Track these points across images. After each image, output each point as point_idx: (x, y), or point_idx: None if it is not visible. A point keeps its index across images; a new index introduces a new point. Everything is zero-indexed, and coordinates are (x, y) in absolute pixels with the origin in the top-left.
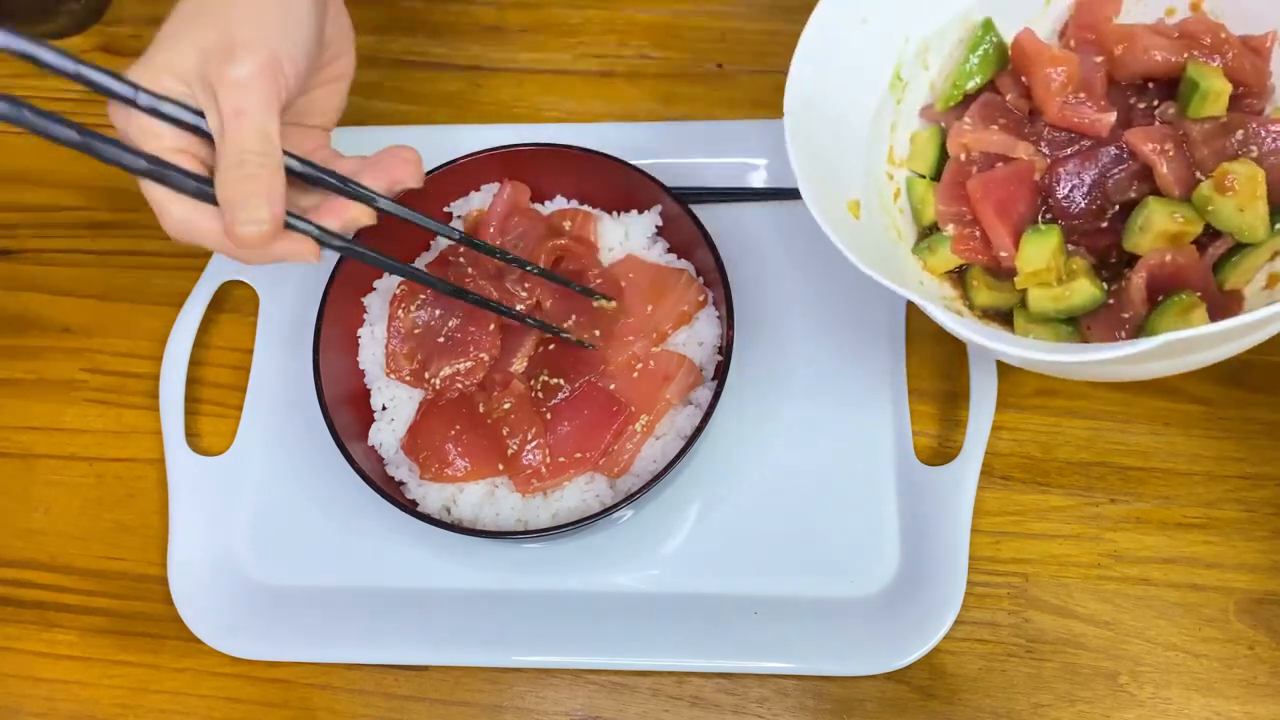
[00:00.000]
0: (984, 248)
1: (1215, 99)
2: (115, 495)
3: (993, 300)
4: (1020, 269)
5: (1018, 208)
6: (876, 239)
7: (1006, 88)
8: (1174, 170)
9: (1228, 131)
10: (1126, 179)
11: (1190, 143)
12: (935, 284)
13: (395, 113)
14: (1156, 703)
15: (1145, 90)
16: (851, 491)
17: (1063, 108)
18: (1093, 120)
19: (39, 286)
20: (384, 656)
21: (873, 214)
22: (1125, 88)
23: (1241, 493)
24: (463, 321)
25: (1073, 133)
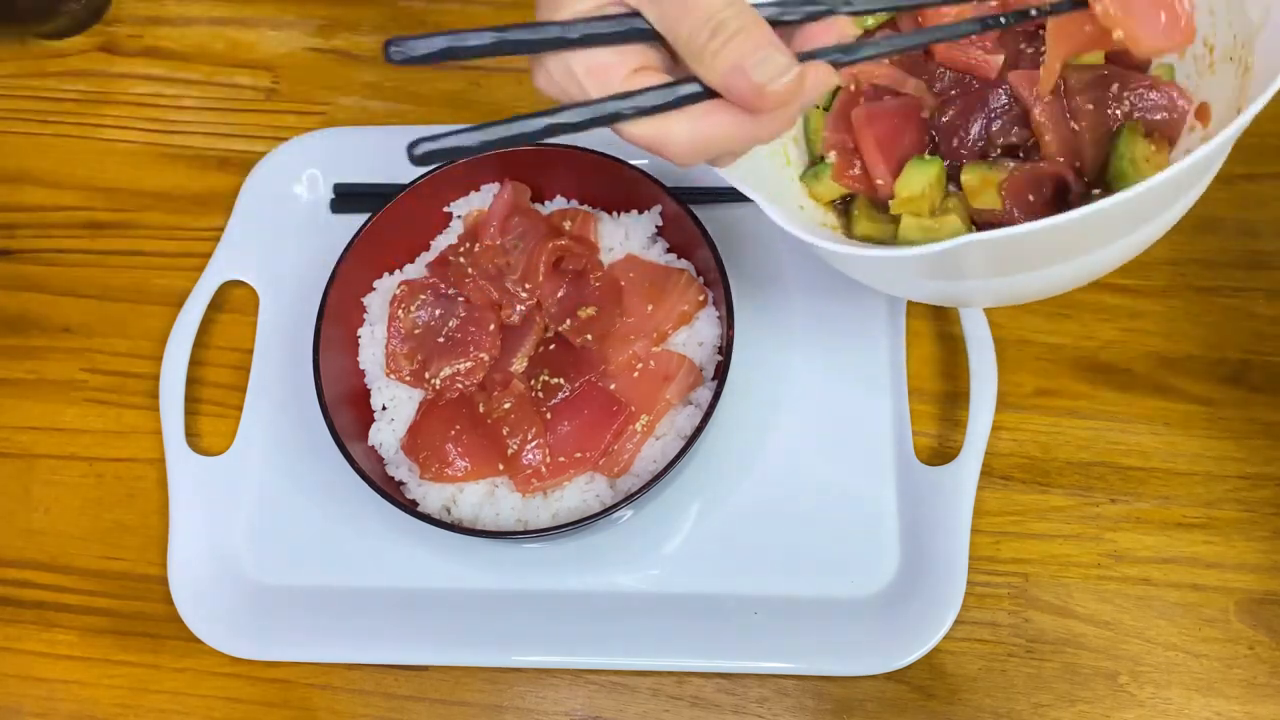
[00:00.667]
0: (863, 177)
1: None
2: (115, 495)
3: (871, 231)
4: (897, 193)
5: (901, 141)
6: (759, 161)
7: (905, 26)
8: (1049, 114)
9: (1105, 84)
10: (1009, 123)
11: (1068, 89)
12: (820, 212)
13: (395, 113)
14: (1156, 703)
15: (1036, 37)
16: (851, 492)
17: (951, 48)
18: (981, 61)
19: (39, 286)
20: (384, 656)
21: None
22: (1018, 33)
23: (1241, 493)
24: (463, 322)
25: (963, 73)
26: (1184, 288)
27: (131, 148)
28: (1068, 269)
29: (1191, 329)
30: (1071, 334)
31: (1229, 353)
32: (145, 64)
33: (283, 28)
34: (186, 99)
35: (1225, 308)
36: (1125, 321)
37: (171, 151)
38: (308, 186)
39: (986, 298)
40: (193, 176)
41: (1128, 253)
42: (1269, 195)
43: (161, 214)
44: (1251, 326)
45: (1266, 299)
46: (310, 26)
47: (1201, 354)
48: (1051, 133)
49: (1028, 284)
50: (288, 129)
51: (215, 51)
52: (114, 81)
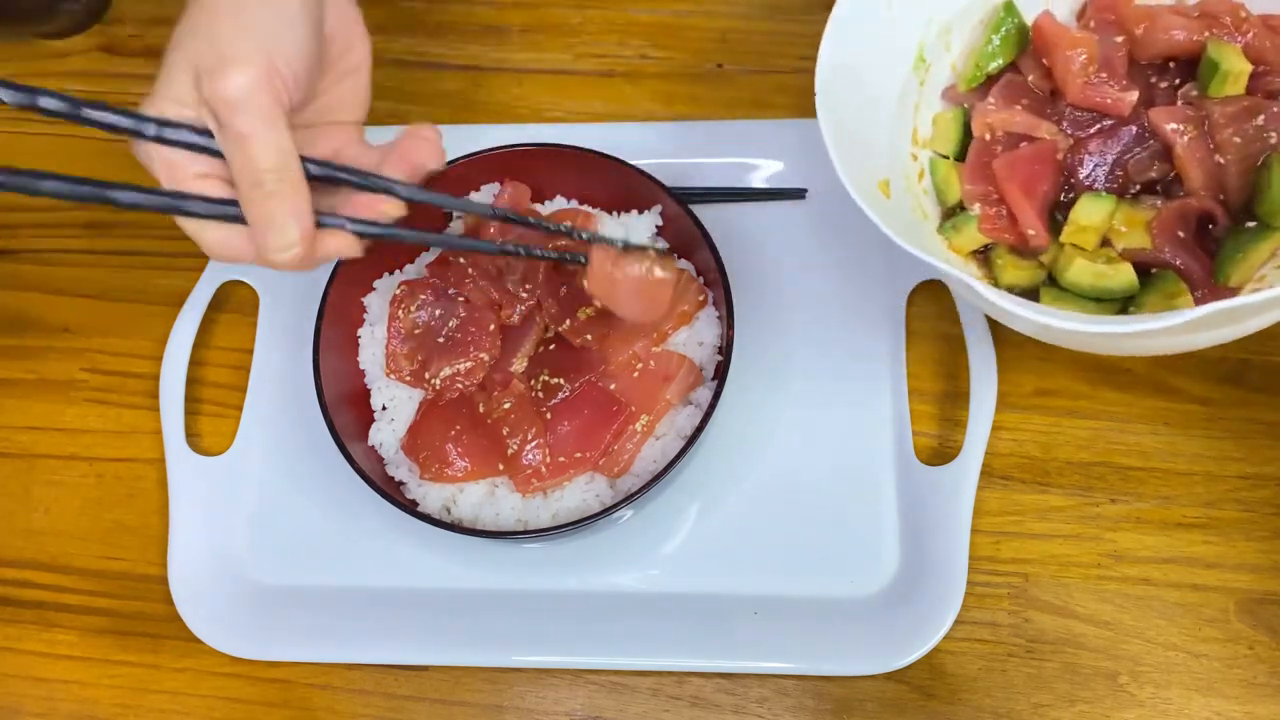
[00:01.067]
0: (1010, 226)
1: (1235, 79)
2: (115, 495)
3: (1018, 278)
4: (1072, 220)
5: (1042, 186)
6: (905, 219)
7: (1028, 69)
8: (1192, 150)
9: (1250, 114)
10: (1148, 158)
11: (1212, 124)
12: (961, 263)
13: (395, 113)
14: (1156, 703)
15: (1166, 70)
16: (851, 491)
17: (1084, 88)
18: (1114, 99)
19: (39, 286)
20: (384, 656)
21: (900, 195)
22: (1146, 67)
23: (1241, 493)
24: (463, 322)
25: (1095, 112)
26: None
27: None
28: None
29: None
30: None
31: (1229, 353)
32: (145, 64)
33: None
34: None
35: None
36: None
37: None
38: None
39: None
40: None
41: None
42: None
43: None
44: None
45: None
46: None
47: (1201, 354)
48: (1196, 167)
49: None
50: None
51: None
52: (114, 81)
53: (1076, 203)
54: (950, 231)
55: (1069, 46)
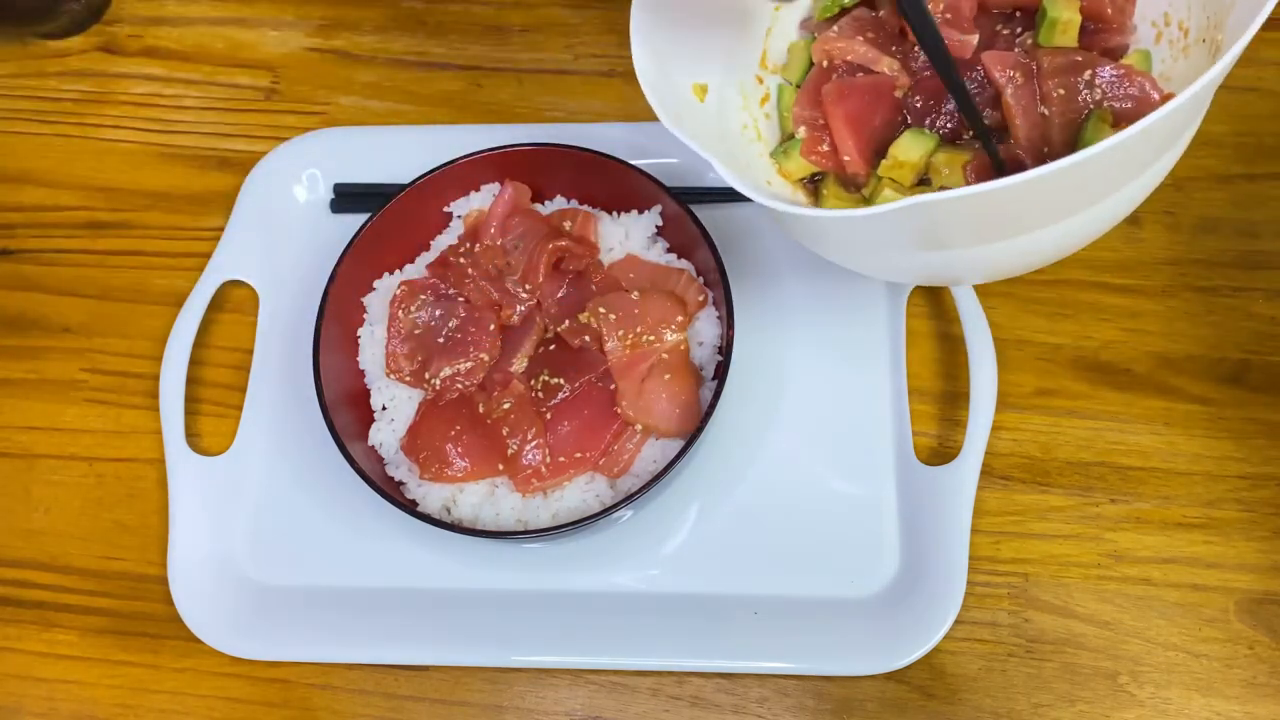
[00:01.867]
0: (832, 154)
1: (1064, 29)
2: (115, 495)
3: (839, 208)
4: (891, 156)
5: (872, 120)
6: (725, 132)
7: (881, 3)
8: (1018, 98)
9: (1077, 69)
10: (982, 103)
11: (1040, 73)
12: (788, 189)
13: (395, 113)
14: (1156, 703)
15: (1012, 19)
16: (851, 491)
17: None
18: (956, 41)
19: (39, 286)
20: (384, 656)
21: (726, 109)
22: (995, 15)
23: (1241, 493)
24: (463, 322)
25: None
26: (1184, 288)
27: (131, 148)
28: (1043, 236)
29: (1191, 329)
30: (1071, 334)
31: (1229, 353)
32: (145, 64)
33: (283, 28)
34: (186, 99)
35: (1225, 308)
36: (1125, 321)
37: (171, 151)
38: (308, 186)
39: (970, 270)
40: (192, 176)
41: (1101, 221)
42: (1268, 195)
43: (161, 214)
44: (1251, 326)
45: (1266, 299)
46: (310, 26)
47: (1201, 354)
48: (1021, 116)
49: (1007, 253)
50: (288, 129)
51: (215, 51)
52: (114, 81)
53: (898, 138)
54: (780, 156)
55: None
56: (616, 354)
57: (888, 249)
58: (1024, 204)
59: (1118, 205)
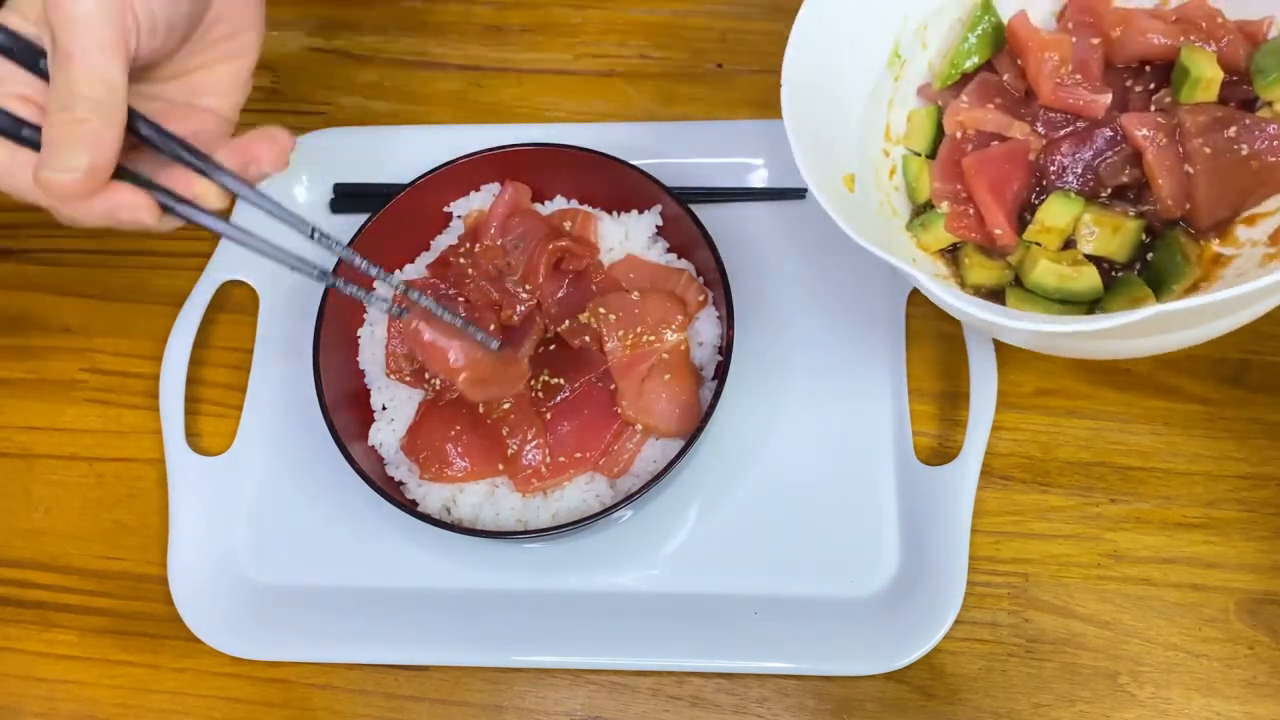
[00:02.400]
0: (977, 224)
1: (1206, 86)
2: (115, 495)
3: (985, 278)
4: (1038, 219)
5: (1012, 186)
6: (870, 215)
7: (1004, 68)
8: (1161, 158)
9: (1221, 125)
10: (1120, 162)
11: (1182, 132)
12: (929, 262)
13: (395, 113)
14: (1156, 703)
15: (1142, 74)
16: (851, 491)
17: (1057, 89)
18: (1087, 101)
19: (39, 286)
20: (384, 656)
21: (867, 190)
22: (1122, 71)
23: (1241, 493)
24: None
25: (1068, 114)
26: None
27: None
28: (1219, 325)
29: None
30: None
31: (1229, 353)
32: None
33: (283, 28)
34: None
35: None
36: None
37: None
38: (308, 186)
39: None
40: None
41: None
42: None
43: None
44: (1251, 326)
45: None
46: (310, 26)
47: (1201, 354)
48: (1165, 175)
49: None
50: (288, 129)
51: None
52: None
53: (1044, 202)
54: (918, 229)
55: (1042, 48)
56: (616, 354)
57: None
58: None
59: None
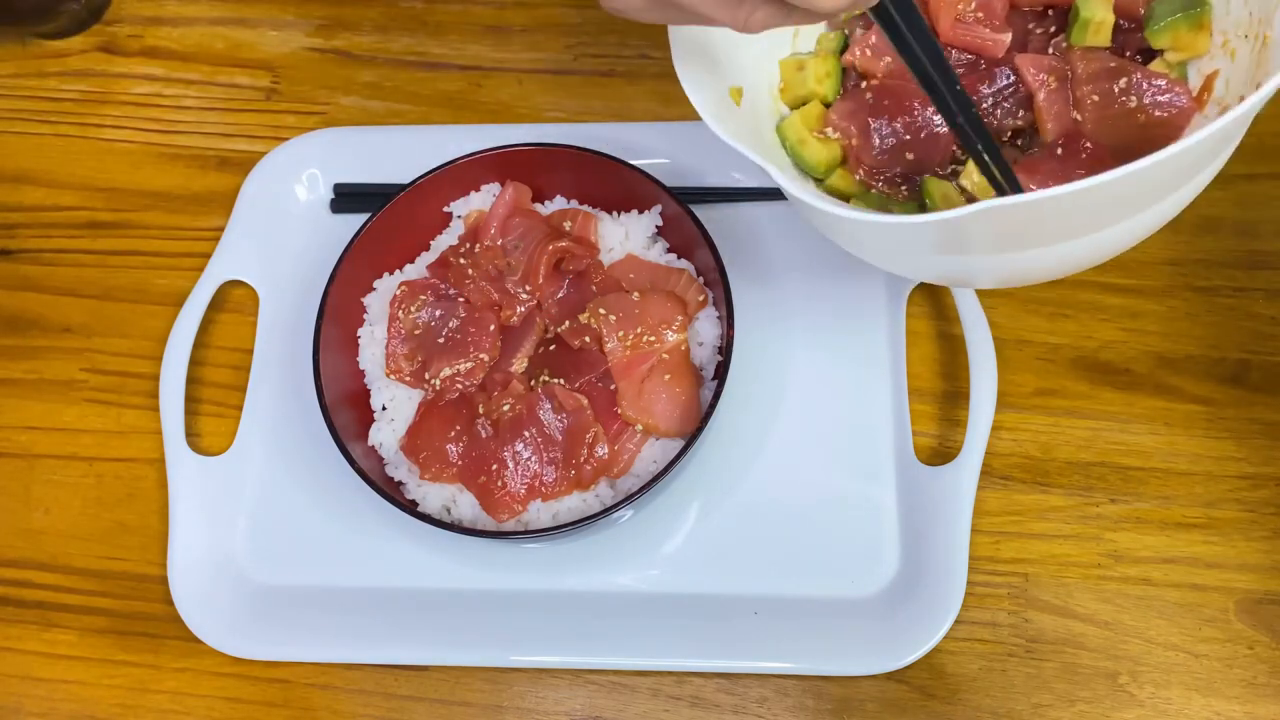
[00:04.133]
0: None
1: (1097, 28)
2: (115, 495)
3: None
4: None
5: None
6: (757, 130)
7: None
8: (1050, 102)
9: (1113, 76)
10: (1015, 105)
11: (1074, 78)
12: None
13: (395, 113)
14: (1156, 703)
15: (1045, 17)
16: (851, 491)
17: (957, 26)
18: (987, 40)
19: (39, 286)
20: (384, 656)
21: (759, 108)
22: (1026, 14)
23: (1241, 493)
24: (463, 322)
25: (970, 53)
26: (1184, 288)
27: (131, 148)
28: (1078, 247)
29: (1191, 329)
30: (1071, 334)
31: (1229, 353)
32: (145, 64)
33: (283, 28)
34: (186, 99)
35: (1225, 308)
36: (1125, 321)
37: (171, 151)
38: (308, 186)
39: (992, 277)
40: (192, 176)
41: (1135, 234)
42: (1269, 195)
43: (161, 214)
44: (1251, 326)
45: (1266, 299)
46: (310, 26)
47: (1201, 354)
48: (1053, 121)
49: (1035, 261)
50: (288, 129)
51: (215, 51)
52: (114, 81)
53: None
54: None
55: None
56: (617, 354)
57: (921, 252)
58: (1068, 213)
59: (1151, 219)
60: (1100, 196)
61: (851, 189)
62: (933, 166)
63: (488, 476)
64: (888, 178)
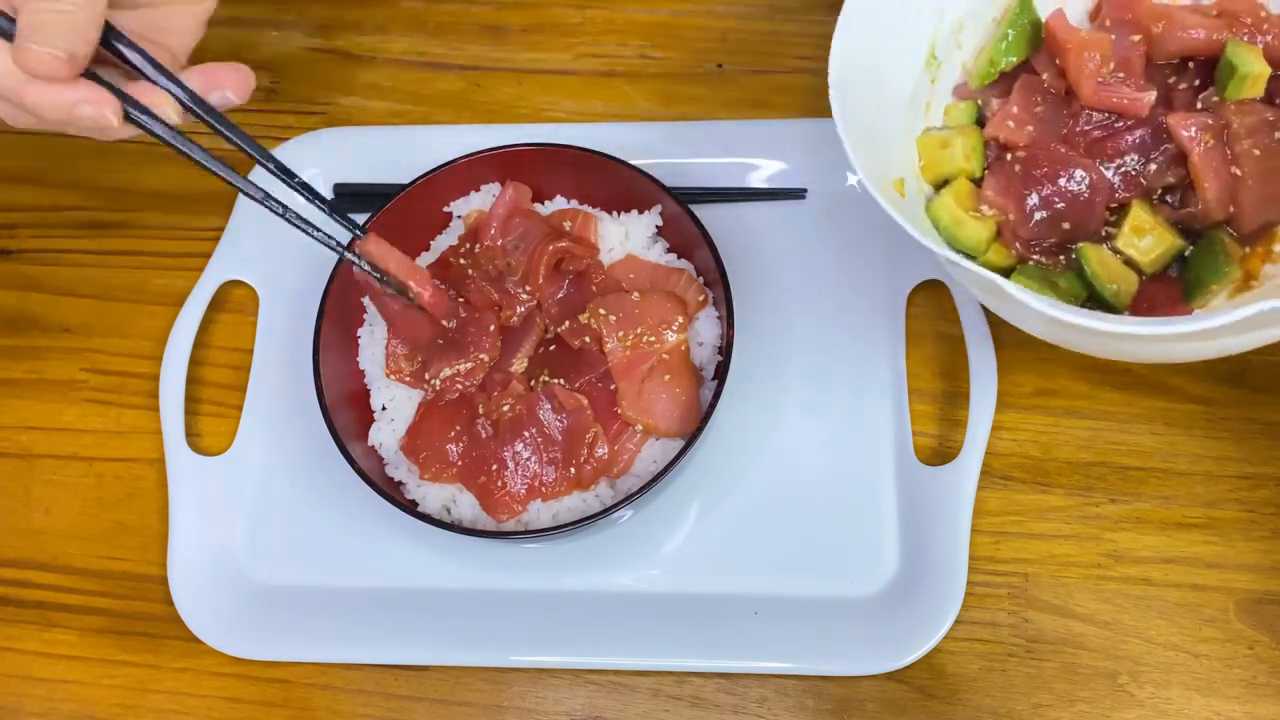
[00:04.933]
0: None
1: (1254, 82)
2: (115, 495)
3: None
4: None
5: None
6: (919, 217)
7: (1043, 68)
8: (1208, 160)
9: (1272, 127)
10: (1165, 163)
11: (1230, 133)
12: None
13: (395, 113)
14: (1156, 703)
15: (1185, 70)
16: (851, 491)
17: (1099, 88)
18: (1131, 99)
19: (39, 286)
20: (384, 656)
21: (913, 193)
22: (1164, 68)
23: (1241, 493)
24: (463, 323)
25: (1111, 113)
26: None
27: (131, 148)
28: (1251, 339)
29: None
30: None
31: None
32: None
33: (283, 28)
34: None
35: None
36: None
37: (171, 151)
38: None
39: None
40: (192, 176)
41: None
42: None
43: (161, 214)
44: None
45: None
46: (310, 26)
47: None
48: (1211, 180)
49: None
50: (288, 129)
51: (215, 51)
52: None
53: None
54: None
55: (1082, 47)
56: (617, 355)
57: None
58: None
59: None
60: None
61: (1008, 262)
62: (1088, 233)
63: (488, 476)
64: (1044, 248)
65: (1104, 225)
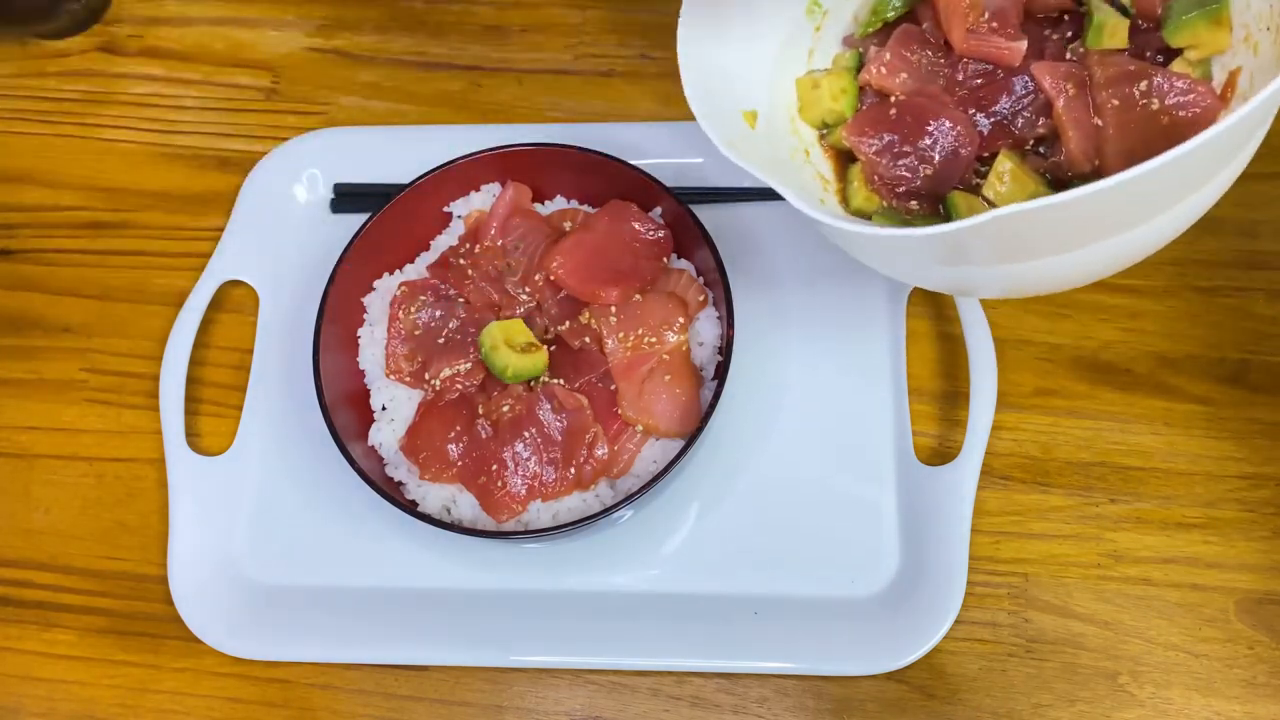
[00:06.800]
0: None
1: (1111, 30)
2: (115, 495)
3: (867, 204)
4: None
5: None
6: (773, 146)
7: (924, 17)
8: (1070, 109)
9: (1133, 79)
10: (1035, 113)
11: (1093, 83)
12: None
13: (395, 113)
14: (1156, 703)
15: (1060, 23)
16: (851, 491)
17: (970, 36)
18: (1001, 49)
19: (39, 286)
20: (384, 656)
21: (776, 130)
22: (1041, 20)
23: (1241, 493)
24: (463, 323)
25: (985, 62)
26: (1184, 288)
27: (131, 148)
28: (1094, 253)
29: (1191, 329)
30: (1071, 334)
31: (1229, 353)
32: (145, 64)
33: (283, 28)
34: (186, 99)
35: (1225, 308)
36: (1125, 321)
37: (171, 151)
38: (308, 186)
39: (997, 286)
40: (192, 176)
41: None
42: (1269, 195)
43: (161, 214)
44: (1251, 326)
45: (1266, 299)
46: (310, 26)
47: (1201, 354)
48: (1074, 129)
49: (1045, 271)
50: (288, 129)
51: (215, 51)
52: (114, 81)
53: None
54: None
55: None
56: (617, 355)
57: (927, 262)
58: (1084, 217)
59: (1173, 221)
60: (1127, 193)
61: (872, 206)
62: (953, 183)
63: (488, 477)
64: (915, 194)
65: (976, 175)
